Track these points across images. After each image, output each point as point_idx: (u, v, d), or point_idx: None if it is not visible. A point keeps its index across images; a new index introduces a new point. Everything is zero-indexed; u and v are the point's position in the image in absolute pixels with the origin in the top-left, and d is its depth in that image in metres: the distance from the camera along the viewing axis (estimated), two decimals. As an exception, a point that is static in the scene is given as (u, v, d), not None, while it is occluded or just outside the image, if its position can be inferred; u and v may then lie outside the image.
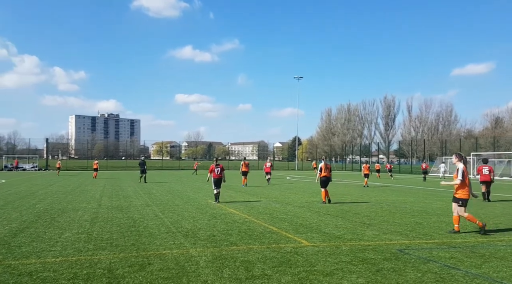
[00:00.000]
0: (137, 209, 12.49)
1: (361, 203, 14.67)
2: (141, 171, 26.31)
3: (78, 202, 14.43)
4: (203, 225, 9.50)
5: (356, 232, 8.76)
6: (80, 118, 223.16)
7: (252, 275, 5.47)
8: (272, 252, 6.77)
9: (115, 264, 5.94)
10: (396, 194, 18.92)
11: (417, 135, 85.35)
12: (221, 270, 5.67)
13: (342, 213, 11.84)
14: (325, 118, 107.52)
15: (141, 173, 26.42)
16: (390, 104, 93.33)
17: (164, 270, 5.64)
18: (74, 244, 7.33)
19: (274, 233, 8.53)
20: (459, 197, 8.82)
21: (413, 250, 7.14)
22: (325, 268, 5.84)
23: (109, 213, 11.53)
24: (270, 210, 12.50)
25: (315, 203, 14.64)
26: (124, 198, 15.82)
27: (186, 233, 8.40)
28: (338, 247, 7.24)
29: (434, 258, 6.51)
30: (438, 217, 11.32)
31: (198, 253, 6.68)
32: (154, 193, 18.47)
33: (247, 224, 9.70)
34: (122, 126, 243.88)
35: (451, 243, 7.71)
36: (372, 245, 7.48)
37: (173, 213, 11.49)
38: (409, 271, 5.75)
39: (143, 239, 7.76)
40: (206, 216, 11.00)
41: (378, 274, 5.57)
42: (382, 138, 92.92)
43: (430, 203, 15.18)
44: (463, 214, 8.73)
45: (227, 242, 7.54)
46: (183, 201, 15.05)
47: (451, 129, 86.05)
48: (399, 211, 12.61)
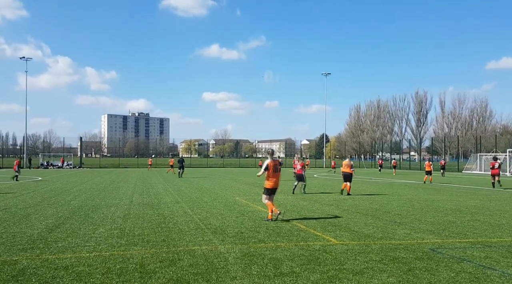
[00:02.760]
0: (167, 206, 12.73)
1: (392, 201, 14.38)
2: (180, 167, 30.63)
3: (110, 199, 14.85)
4: (231, 222, 9.57)
5: (386, 231, 8.60)
6: (112, 117, 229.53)
7: (281, 272, 5.47)
8: (300, 250, 6.75)
9: (146, 259, 6.09)
10: (429, 192, 18.42)
11: (450, 132, 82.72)
12: (249, 267, 5.70)
13: (372, 212, 11.65)
14: (353, 114, 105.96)
15: (179, 169, 30.67)
16: (422, 100, 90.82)
17: (193, 266, 5.73)
18: (107, 239, 7.55)
19: (302, 231, 8.50)
20: (264, 186, 10.07)
21: (446, 249, 6.94)
22: (354, 267, 5.76)
23: (141, 209, 11.81)
24: (297, 207, 12.45)
25: (344, 201, 14.47)
26: (154, 195, 16.16)
27: (214, 230, 8.50)
28: (368, 246, 7.13)
29: (468, 258, 6.30)
30: (472, 215, 10.95)
31: (227, 249, 6.75)
32: (183, 190, 18.77)
33: (274, 221, 9.69)
34: (152, 125, 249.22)
35: (486, 242, 7.44)
36: (403, 244, 7.32)
37: (202, 210, 11.64)
38: (442, 270, 5.59)
39: (173, 235, 7.91)
40: (234, 213, 11.08)
41: (410, 274, 5.45)
42: (413, 134, 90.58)
43: (464, 201, 14.70)
44: (264, 201, 10.01)
45: (255, 239, 7.57)
46: (211, 198, 15.22)
47: (486, 125, 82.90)
48: (431, 209, 12.28)
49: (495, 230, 8.71)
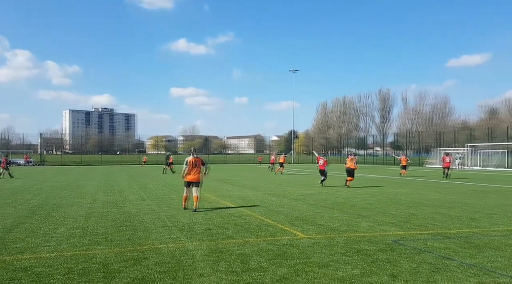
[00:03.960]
0: (133, 203, 12.46)
1: (357, 195, 14.72)
2: (166, 164, 31.98)
3: (73, 197, 14.37)
4: (199, 219, 9.49)
5: (351, 224, 8.79)
6: (75, 113, 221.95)
7: (248, 267, 5.48)
8: (268, 245, 6.78)
9: (110, 259, 5.93)
10: (392, 186, 19.00)
11: (412, 127, 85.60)
12: (217, 263, 5.67)
13: (338, 205, 11.88)
14: (320, 111, 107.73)
15: (166, 165, 31.81)
16: (386, 97, 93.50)
17: (159, 264, 5.63)
18: (69, 239, 7.30)
19: (270, 226, 8.55)
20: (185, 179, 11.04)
21: (408, 241, 7.18)
22: (320, 260, 5.85)
23: (104, 208, 11.49)
24: (266, 203, 12.51)
25: (311, 195, 14.67)
26: (119, 193, 15.78)
27: (182, 227, 8.39)
28: (333, 239, 7.26)
29: (428, 249, 6.54)
30: (433, 208, 11.38)
31: (194, 246, 6.68)
32: (150, 187, 18.43)
33: (243, 217, 9.70)
34: (117, 121, 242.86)
35: (445, 234, 7.75)
36: (367, 236, 7.51)
37: (169, 208, 11.47)
38: (403, 261, 5.78)
39: (139, 234, 7.74)
40: (202, 210, 10.99)
41: (373, 265, 5.59)
42: (378, 130, 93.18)
43: (425, 194, 15.26)
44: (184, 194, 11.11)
45: (223, 236, 7.54)
46: (179, 195, 15.02)
47: (446, 120, 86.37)
48: (394, 202, 12.67)
49: (454, 222, 9.10)
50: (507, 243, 6.89)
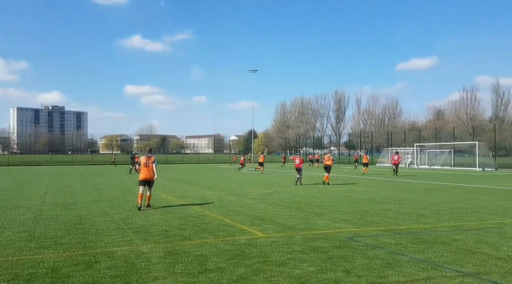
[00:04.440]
0: (84, 205, 11.97)
1: (314, 194, 15.01)
2: (132, 163, 30.05)
3: (19, 199, 13.57)
4: (156, 220, 9.27)
5: (308, 222, 8.95)
6: (23, 111, 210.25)
7: (206, 269, 5.41)
8: (227, 245, 6.75)
9: (59, 263, 5.64)
10: (347, 184, 19.56)
11: (365, 128, 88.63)
12: (173, 266, 5.55)
13: (296, 204, 12.05)
14: (279, 111, 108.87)
15: (131, 165, 30.15)
16: (341, 98, 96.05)
17: (112, 268, 5.43)
18: (15, 243, 6.88)
19: (229, 226, 8.51)
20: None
21: (361, 237, 7.41)
22: (278, 258, 5.90)
23: (54, 210, 10.95)
24: (225, 203, 12.46)
25: (270, 195, 14.79)
26: (70, 195, 15.10)
27: (137, 229, 8.16)
28: (291, 237, 7.35)
29: (380, 245, 6.79)
30: (384, 205, 11.83)
31: (150, 249, 6.51)
32: (103, 188, 17.79)
33: (201, 218, 9.60)
34: (68, 119, 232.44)
35: (396, 230, 8.08)
36: (323, 234, 7.67)
37: (123, 209, 11.13)
38: (357, 257, 5.95)
39: (90, 237, 7.44)
40: (159, 211, 10.76)
41: (328, 262, 5.71)
42: (333, 130, 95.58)
43: (377, 192, 15.84)
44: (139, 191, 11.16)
45: (180, 237, 7.41)
46: (134, 196, 14.61)
47: (396, 121, 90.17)
48: (348, 200, 13.04)
49: (404, 218, 9.50)
50: (454, 238, 7.29)
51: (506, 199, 13.55)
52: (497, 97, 73.70)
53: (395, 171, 28.03)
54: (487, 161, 39.90)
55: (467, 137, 59.10)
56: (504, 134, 62.02)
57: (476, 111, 73.77)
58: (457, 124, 66.44)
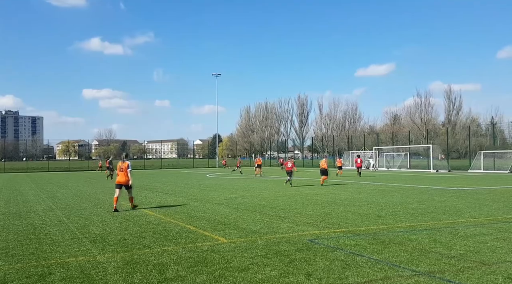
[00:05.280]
0: (38, 214, 11.41)
1: (278, 197, 15.11)
2: (109, 169, 30.28)
3: (-34, 210, 12.74)
4: (114, 229, 8.98)
5: (271, 226, 8.98)
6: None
7: (165, 277, 5.29)
8: (188, 252, 6.64)
9: (10, 276, 5.34)
10: (309, 187, 19.85)
11: (327, 132, 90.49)
12: (131, 276, 5.39)
13: (260, 208, 12.07)
14: (244, 115, 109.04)
15: (108, 171, 30.27)
16: (303, 103, 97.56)
17: (67, 280, 5.20)
18: (-42, 258, 6.44)
19: (191, 232, 8.39)
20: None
21: (322, 239, 7.52)
22: (240, 264, 5.87)
23: (5, 220, 10.37)
24: (188, 209, 12.28)
25: (234, 199, 14.73)
26: (23, 203, 14.36)
27: (93, 239, 7.87)
28: (254, 242, 7.35)
29: (341, 246, 6.92)
30: (344, 207, 12.10)
31: (107, 259, 6.29)
32: (58, 196, 17.05)
33: (162, 224, 9.40)
34: (22, 124, 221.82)
35: (355, 231, 8.27)
36: (286, 237, 7.73)
37: (80, 218, 10.71)
38: (318, 260, 6.03)
39: (44, 247, 7.09)
40: (118, 219, 10.44)
41: (290, 265, 5.75)
42: (297, 134, 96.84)
43: (338, 194, 16.18)
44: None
45: (139, 246, 7.21)
46: (91, 204, 14.12)
47: (356, 125, 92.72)
48: (311, 203, 13.23)
49: (363, 220, 9.76)
50: (409, 238, 7.55)
51: (458, 199, 14.23)
52: (449, 102, 77.32)
53: (359, 173, 31.10)
54: (441, 163, 41.80)
55: (422, 140, 61.80)
56: (456, 137, 65.22)
57: (430, 116, 77.10)
58: (412, 128, 69.28)
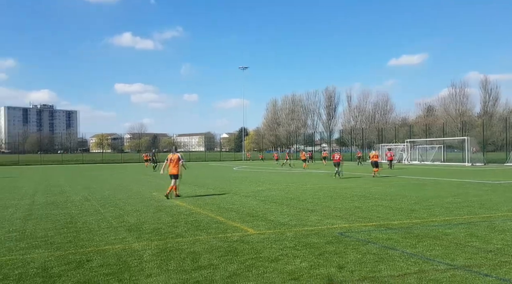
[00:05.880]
0: (75, 204, 11.86)
1: (305, 191, 15.05)
2: (153, 161, 32.98)
3: (8, 199, 13.41)
4: (148, 218, 9.23)
5: (300, 218, 8.97)
6: (11, 110, 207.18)
7: (199, 265, 5.40)
8: (219, 242, 6.74)
9: (50, 263, 5.59)
10: (338, 180, 19.65)
11: (356, 124, 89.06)
12: (166, 263, 5.53)
13: (287, 201, 12.07)
14: (270, 108, 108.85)
15: (154, 163, 32.87)
16: (331, 95, 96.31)
17: (104, 266, 5.39)
18: (4, 243, 6.80)
19: (221, 223, 8.50)
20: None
21: (353, 233, 7.44)
22: (270, 255, 5.91)
23: (44, 209, 10.84)
24: (217, 200, 12.43)
25: (261, 192, 14.79)
26: (60, 194, 14.95)
27: (129, 228, 8.11)
28: (283, 234, 7.36)
29: (373, 240, 6.83)
30: (376, 201, 11.91)
31: (142, 247, 6.47)
32: (93, 187, 17.65)
33: (193, 215, 9.57)
34: (58, 118, 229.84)
35: (388, 225, 8.13)
36: (315, 230, 7.70)
37: (115, 208, 11.05)
38: (350, 253, 5.98)
39: (82, 236, 7.38)
40: (151, 209, 10.71)
41: (321, 258, 5.73)
42: (324, 127, 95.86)
43: (368, 188, 15.93)
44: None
45: (173, 235, 7.38)
46: (125, 195, 14.53)
47: (387, 118, 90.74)
48: (340, 196, 13.10)
49: (396, 214, 9.57)
50: (444, 233, 7.36)
51: (495, 193, 13.73)
52: (485, 93, 74.35)
53: (390, 166, 31.33)
54: (476, 156, 40.36)
55: (457, 133, 59.73)
56: (492, 129, 62.69)
57: (465, 107, 74.37)
58: (447, 120, 67.03)
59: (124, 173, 29.78)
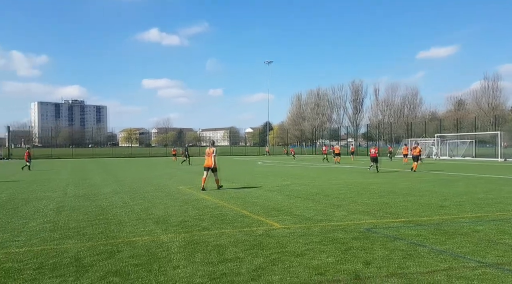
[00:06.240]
0: (105, 197, 12.21)
1: (331, 186, 14.93)
2: (186, 156, 33.50)
3: (42, 191, 13.94)
4: (175, 211, 9.40)
5: (326, 214, 8.91)
6: (43, 105, 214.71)
7: (225, 258, 5.47)
8: (244, 236, 6.79)
9: (82, 253, 5.79)
10: (364, 176, 19.39)
11: (384, 118, 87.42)
12: (193, 255, 5.63)
13: (312, 196, 12.02)
14: (295, 103, 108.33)
15: (185, 157, 33.37)
16: (358, 88, 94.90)
17: (134, 257, 5.55)
18: (39, 233, 7.09)
19: (246, 217, 8.56)
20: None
21: (380, 229, 7.34)
22: (296, 249, 5.91)
23: (76, 201, 11.21)
24: (242, 194, 12.51)
25: (286, 186, 14.78)
26: (91, 186, 15.43)
27: (157, 220, 8.29)
28: (309, 228, 7.34)
29: (401, 236, 6.72)
30: (404, 196, 11.69)
31: (170, 239, 6.61)
32: (122, 180, 18.10)
33: (219, 209, 9.67)
34: (88, 113, 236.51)
35: (417, 221, 7.98)
36: (341, 225, 7.64)
37: (143, 200, 11.31)
38: (377, 249, 5.91)
39: (112, 227, 7.60)
40: (178, 202, 10.89)
41: (347, 253, 5.69)
42: (350, 122, 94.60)
43: (396, 183, 15.65)
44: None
45: (199, 227, 7.49)
46: (153, 188, 14.84)
47: (416, 112, 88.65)
48: (367, 192, 12.93)
49: (425, 210, 9.37)
50: (475, 229, 7.16)
51: (530, 190, 13.21)
52: (520, 86, 71.43)
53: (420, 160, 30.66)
54: (509, 151, 38.89)
55: (489, 127, 57.68)
56: (527, 124, 60.26)
57: (498, 101, 71.70)
58: (479, 114, 64.80)
59: (151, 166, 30.38)
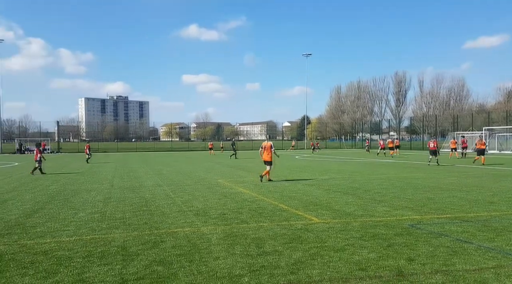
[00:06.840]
0: (149, 189, 12.62)
1: (372, 180, 14.61)
2: (233, 150, 33.79)
3: (90, 183, 14.62)
4: (214, 204, 9.57)
5: (366, 209, 8.74)
6: (90, 101, 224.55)
7: (264, 251, 5.51)
8: (283, 229, 6.80)
9: (128, 242, 6.03)
10: (408, 170, 18.80)
11: (428, 111, 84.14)
12: (232, 247, 5.71)
13: (353, 190, 11.82)
14: (334, 96, 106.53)
15: (233, 151, 33.62)
16: (401, 80, 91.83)
17: (176, 248, 5.71)
18: (88, 223, 7.45)
19: (284, 211, 8.56)
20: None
21: (425, 225, 7.11)
22: (336, 244, 5.85)
23: (122, 193, 11.67)
24: (280, 188, 12.52)
25: (325, 181, 14.63)
26: (135, 179, 15.99)
27: (197, 212, 8.48)
28: (348, 224, 7.24)
29: (446, 233, 6.47)
30: (450, 192, 11.23)
31: (209, 231, 6.74)
32: (164, 173, 18.62)
33: (257, 202, 9.74)
34: (131, 108, 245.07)
35: (463, 218, 7.65)
36: (383, 221, 7.46)
37: (184, 193, 11.59)
38: (421, 245, 5.73)
39: (155, 218, 7.85)
40: (217, 195, 11.07)
41: (390, 249, 5.56)
42: (393, 114, 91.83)
43: (442, 178, 15.06)
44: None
45: (237, 220, 7.59)
46: (193, 181, 15.17)
47: (463, 104, 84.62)
48: (410, 187, 12.54)
49: (472, 206, 8.97)
50: (527, 227, 6.77)
51: None
52: None
53: (463, 154, 30.55)
54: None
55: (543, 120, 54.01)
56: None
57: (554, 91, 67.06)
58: (532, 106, 60.88)
59: (191, 160, 31.04)
